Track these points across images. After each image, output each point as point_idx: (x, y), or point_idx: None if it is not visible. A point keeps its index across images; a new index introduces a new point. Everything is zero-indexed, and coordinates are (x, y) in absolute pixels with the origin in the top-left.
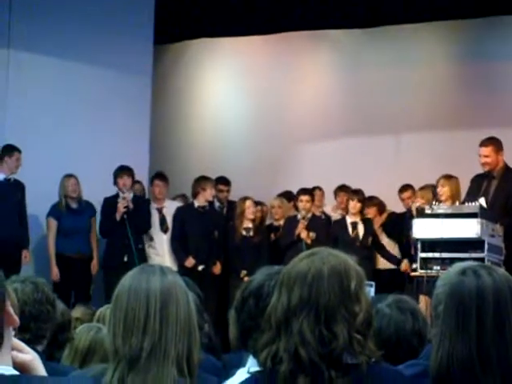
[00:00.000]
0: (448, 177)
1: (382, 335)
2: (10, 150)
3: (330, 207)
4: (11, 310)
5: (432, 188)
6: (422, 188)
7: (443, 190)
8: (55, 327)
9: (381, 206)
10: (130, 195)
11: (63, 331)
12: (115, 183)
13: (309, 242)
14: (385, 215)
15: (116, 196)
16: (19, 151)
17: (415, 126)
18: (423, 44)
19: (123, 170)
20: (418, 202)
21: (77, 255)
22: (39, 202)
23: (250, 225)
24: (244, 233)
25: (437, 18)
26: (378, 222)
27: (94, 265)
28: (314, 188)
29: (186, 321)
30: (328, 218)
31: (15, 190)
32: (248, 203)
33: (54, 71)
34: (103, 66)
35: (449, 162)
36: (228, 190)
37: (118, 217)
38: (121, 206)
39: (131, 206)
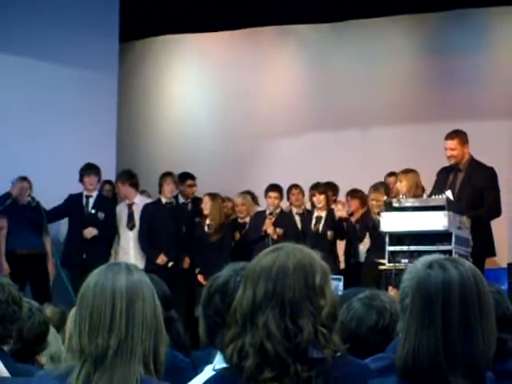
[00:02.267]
0: (406, 171)
1: (344, 329)
2: None
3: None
4: None
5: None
6: (375, 189)
7: (401, 185)
8: (33, 335)
9: (363, 199)
10: (95, 193)
11: (41, 341)
12: (81, 181)
13: (275, 237)
14: (362, 210)
15: (81, 195)
16: None
17: (382, 120)
18: (389, 38)
19: (90, 169)
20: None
21: (27, 251)
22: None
23: (211, 222)
24: (206, 229)
25: (402, 11)
26: (357, 215)
27: (50, 264)
28: (292, 186)
29: (153, 318)
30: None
31: None
32: (204, 199)
33: (18, 70)
34: (68, 64)
35: (416, 155)
36: (194, 184)
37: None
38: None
39: (95, 232)
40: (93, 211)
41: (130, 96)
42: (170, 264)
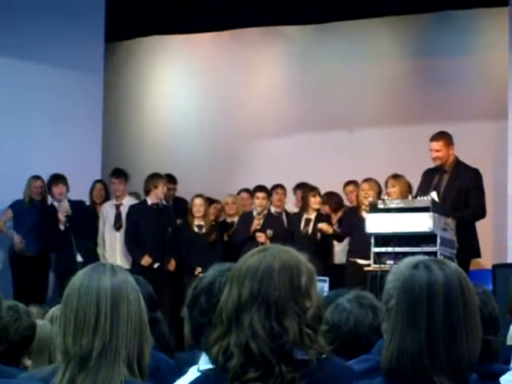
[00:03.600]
0: (397, 176)
1: (341, 329)
2: None
3: (292, 204)
4: None
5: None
6: (366, 180)
7: (393, 190)
8: (19, 338)
9: (338, 203)
10: (66, 203)
11: (27, 344)
12: (49, 192)
13: (262, 240)
14: (341, 211)
15: (52, 206)
16: None
17: (369, 121)
18: (375, 39)
19: (58, 179)
20: (370, 197)
21: (34, 254)
22: None
23: (202, 222)
24: (196, 230)
25: (388, 13)
26: (335, 219)
27: None
28: (276, 186)
29: (137, 320)
30: (289, 215)
31: None
32: (196, 200)
33: (4, 70)
34: (53, 64)
35: (402, 157)
36: (175, 188)
37: (61, 227)
38: (61, 216)
39: (69, 211)
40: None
41: (116, 97)
42: (156, 265)
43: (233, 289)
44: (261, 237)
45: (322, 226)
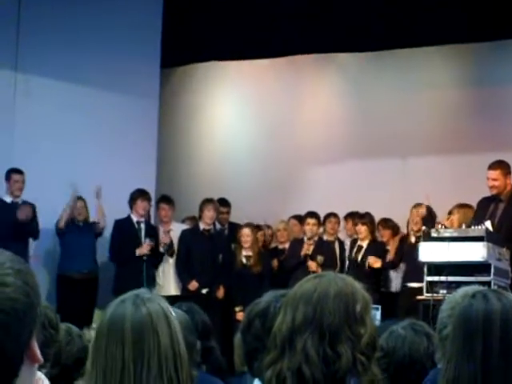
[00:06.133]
0: (461, 205)
1: (396, 355)
2: (8, 173)
3: (344, 233)
4: (36, 347)
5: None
6: (415, 206)
7: (454, 218)
8: (71, 361)
9: (395, 229)
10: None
11: (79, 367)
12: (133, 205)
13: (313, 268)
14: (397, 238)
15: (128, 219)
16: (19, 173)
17: (422, 150)
18: (429, 68)
19: (145, 194)
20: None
21: (80, 275)
22: (46, 222)
23: (250, 253)
24: (244, 261)
25: (444, 41)
26: (392, 246)
27: None
28: (329, 214)
29: (169, 348)
30: (342, 243)
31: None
32: (245, 230)
33: (61, 94)
34: (110, 88)
35: (456, 185)
36: (228, 211)
37: (138, 252)
38: (145, 249)
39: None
40: (147, 240)
41: (171, 121)
42: (204, 291)
43: (287, 313)
44: (312, 265)
45: (371, 259)
